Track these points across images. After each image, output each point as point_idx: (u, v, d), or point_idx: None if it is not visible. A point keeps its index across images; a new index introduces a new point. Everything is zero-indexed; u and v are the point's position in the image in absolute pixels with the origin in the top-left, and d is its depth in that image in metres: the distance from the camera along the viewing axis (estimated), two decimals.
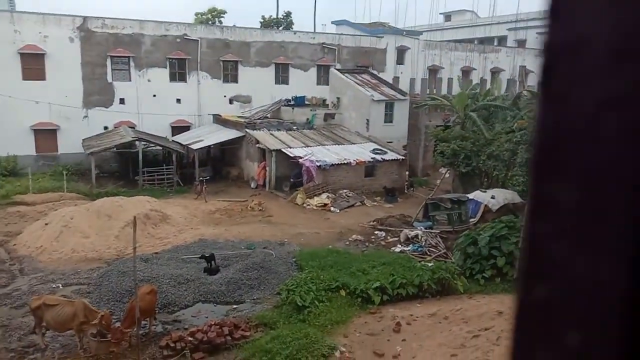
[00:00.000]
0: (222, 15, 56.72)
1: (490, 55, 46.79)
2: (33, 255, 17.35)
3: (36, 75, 29.63)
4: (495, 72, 45.48)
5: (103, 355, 11.33)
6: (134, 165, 28.55)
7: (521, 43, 54.03)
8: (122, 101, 31.78)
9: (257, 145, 28.46)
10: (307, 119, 32.15)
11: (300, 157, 26.17)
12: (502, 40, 56.48)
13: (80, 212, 19.64)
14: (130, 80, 32.02)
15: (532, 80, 44.17)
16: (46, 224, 19.06)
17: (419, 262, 16.76)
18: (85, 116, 31.02)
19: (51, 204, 22.99)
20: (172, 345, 11.40)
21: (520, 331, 0.44)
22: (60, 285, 15.11)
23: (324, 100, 35.43)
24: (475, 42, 52.15)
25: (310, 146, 28.06)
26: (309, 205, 24.50)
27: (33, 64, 29.58)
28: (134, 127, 30.96)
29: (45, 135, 30.12)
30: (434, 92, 38.77)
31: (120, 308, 12.96)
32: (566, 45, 0.41)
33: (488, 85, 37.46)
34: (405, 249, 18.50)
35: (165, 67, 32.94)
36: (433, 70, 43.29)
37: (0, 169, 27.43)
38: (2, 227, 20.35)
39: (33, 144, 29.95)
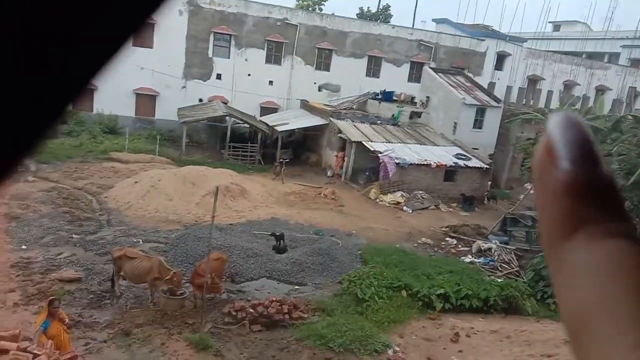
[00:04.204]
0: (322, 3, 57.23)
1: (598, 72, 43.66)
2: (121, 209, 18.70)
3: (145, 43, 31.50)
4: (600, 90, 42.41)
5: (170, 312, 12.06)
6: (221, 139, 29.89)
7: (635, 62, 49.76)
8: (218, 76, 33.12)
9: (339, 134, 28.63)
10: (393, 115, 31.80)
11: (380, 152, 26.01)
12: (613, 57, 52.19)
13: (168, 176, 20.85)
14: (229, 58, 33.27)
15: None
16: (136, 182, 20.45)
17: (489, 276, 16.21)
18: (184, 87, 32.68)
19: (142, 165, 24.59)
20: (234, 313, 11.89)
21: None
22: (140, 240, 16.19)
23: (413, 98, 34.83)
24: (583, 56, 48.77)
25: (392, 142, 27.79)
26: (382, 201, 24.36)
27: (143, 32, 31.37)
28: (226, 103, 32.20)
29: (145, 99, 32.10)
30: (531, 102, 36.88)
31: (191, 270, 13.65)
32: None
33: (591, 103, 35.05)
34: (476, 260, 17.93)
35: (263, 49, 33.86)
36: (533, 80, 41.19)
37: (102, 126, 29.72)
38: (97, 180, 22.06)
39: (133, 106, 32.02)
